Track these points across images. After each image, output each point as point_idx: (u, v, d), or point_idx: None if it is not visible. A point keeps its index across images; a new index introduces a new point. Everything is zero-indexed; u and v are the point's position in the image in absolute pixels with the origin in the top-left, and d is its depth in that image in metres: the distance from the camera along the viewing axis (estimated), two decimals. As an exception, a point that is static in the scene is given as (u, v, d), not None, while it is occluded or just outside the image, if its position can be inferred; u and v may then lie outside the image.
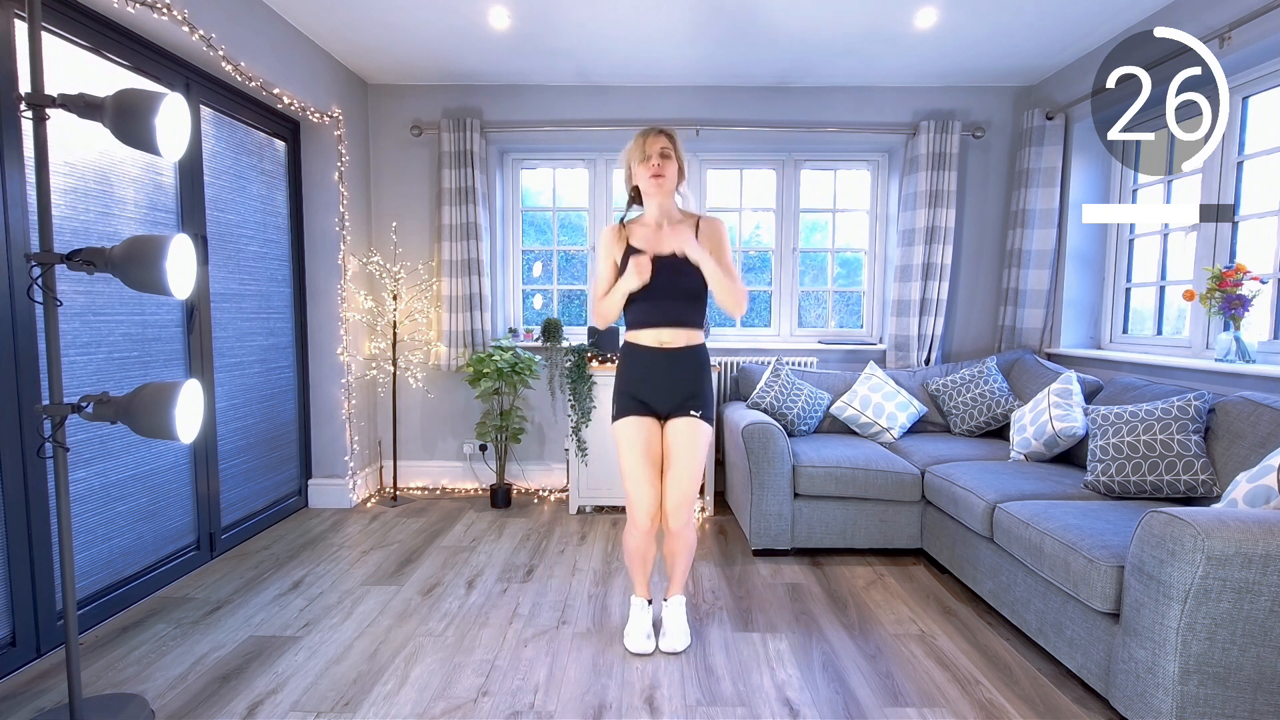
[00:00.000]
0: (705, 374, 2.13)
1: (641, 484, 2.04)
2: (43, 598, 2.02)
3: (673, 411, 2.10)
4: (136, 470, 2.39)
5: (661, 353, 2.08)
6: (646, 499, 2.03)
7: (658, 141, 2.05)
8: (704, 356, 2.14)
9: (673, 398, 2.09)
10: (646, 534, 2.08)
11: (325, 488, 3.56)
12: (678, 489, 2.05)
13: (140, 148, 1.64)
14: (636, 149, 2.07)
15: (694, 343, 2.11)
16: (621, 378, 2.14)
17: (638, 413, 2.09)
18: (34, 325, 1.96)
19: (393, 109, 3.83)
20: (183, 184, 2.59)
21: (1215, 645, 1.52)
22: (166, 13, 2.25)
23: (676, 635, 2.14)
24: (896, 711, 1.80)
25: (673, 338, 2.07)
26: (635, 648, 2.12)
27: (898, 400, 3.33)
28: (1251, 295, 2.51)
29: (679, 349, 2.08)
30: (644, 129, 2.09)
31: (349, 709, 1.79)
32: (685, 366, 2.09)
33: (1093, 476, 2.38)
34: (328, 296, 3.50)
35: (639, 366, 2.10)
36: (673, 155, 2.06)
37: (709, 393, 2.13)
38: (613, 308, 2.08)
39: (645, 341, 2.09)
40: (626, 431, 2.08)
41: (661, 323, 2.07)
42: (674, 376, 2.08)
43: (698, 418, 2.08)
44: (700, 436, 2.07)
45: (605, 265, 2.13)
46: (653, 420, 2.11)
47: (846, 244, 4.12)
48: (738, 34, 3.13)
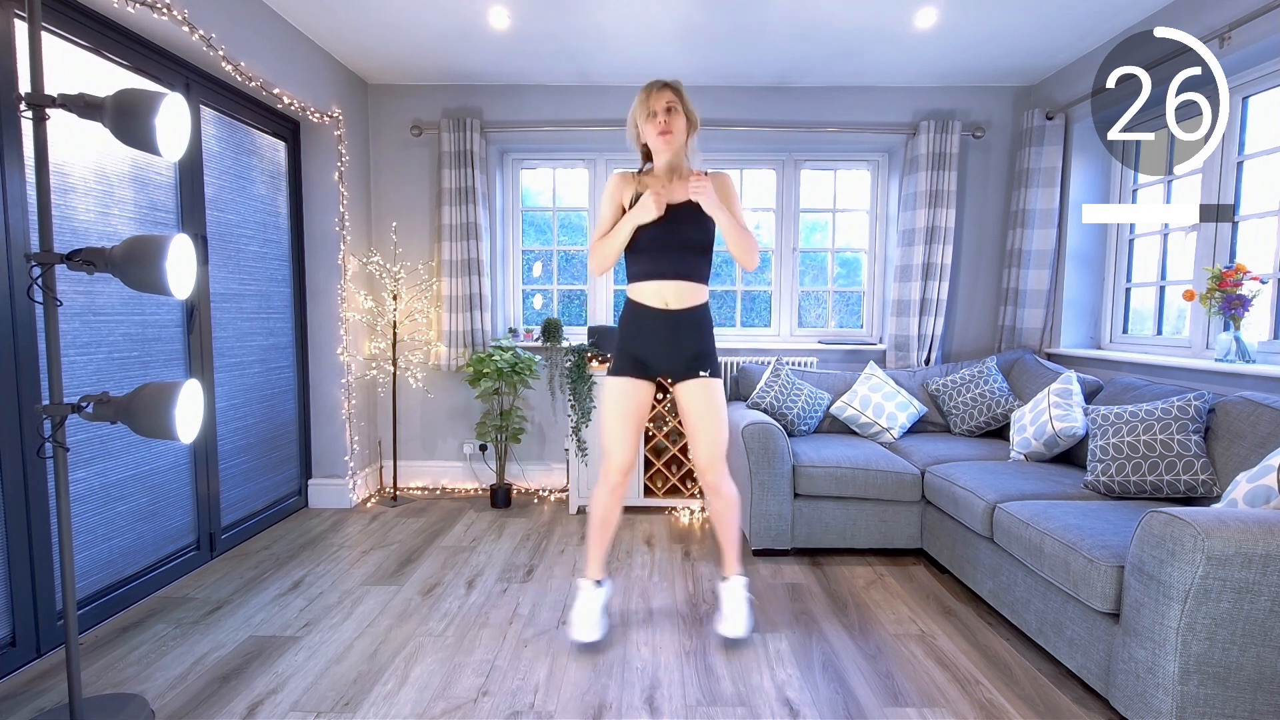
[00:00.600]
0: (709, 333, 2.12)
1: (619, 440, 2.09)
2: (43, 598, 2.02)
3: (680, 374, 2.10)
4: (136, 470, 2.39)
5: (665, 315, 2.05)
6: (621, 455, 2.09)
7: (662, 96, 1.99)
8: (707, 317, 2.13)
9: (677, 360, 2.08)
10: (615, 490, 2.12)
11: (325, 488, 3.56)
12: (709, 447, 2.08)
13: (140, 148, 1.64)
14: (641, 105, 2.02)
15: (698, 302, 2.09)
16: (623, 336, 2.12)
17: (633, 374, 2.09)
18: (34, 325, 1.96)
19: (393, 109, 3.83)
20: (183, 184, 2.59)
21: (1215, 645, 1.52)
22: (166, 13, 2.25)
23: (737, 619, 2.12)
24: (896, 711, 1.80)
25: (677, 295, 2.05)
26: (583, 636, 2.09)
27: (898, 400, 3.33)
28: (1251, 295, 2.51)
29: (683, 311, 2.06)
30: (647, 84, 2.02)
31: (349, 709, 1.79)
32: (689, 329, 2.07)
33: (1093, 476, 2.38)
34: (328, 296, 3.50)
35: (642, 328, 2.08)
36: (679, 108, 2.01)
37: (713, 349, 2.13)
38: (614, 246, 2.04)
39: (649, 301, 2.06)
40: (617, 389, 2.09)
41: (668, 274, 2.04)
42: (678, 340, 2.07)
43: (708, 376, 2.09)
44: (716, 393, 2.09)
45: (610, 209, 2.09)
46: (647, 383, 2.11)
47: (846, 244, 4.12)
48: (738, 34, 3.13)
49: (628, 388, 2.09)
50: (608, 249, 2.06)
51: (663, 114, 2.00)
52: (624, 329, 2.13)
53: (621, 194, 2.08)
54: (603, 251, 2.07)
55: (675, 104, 2.01)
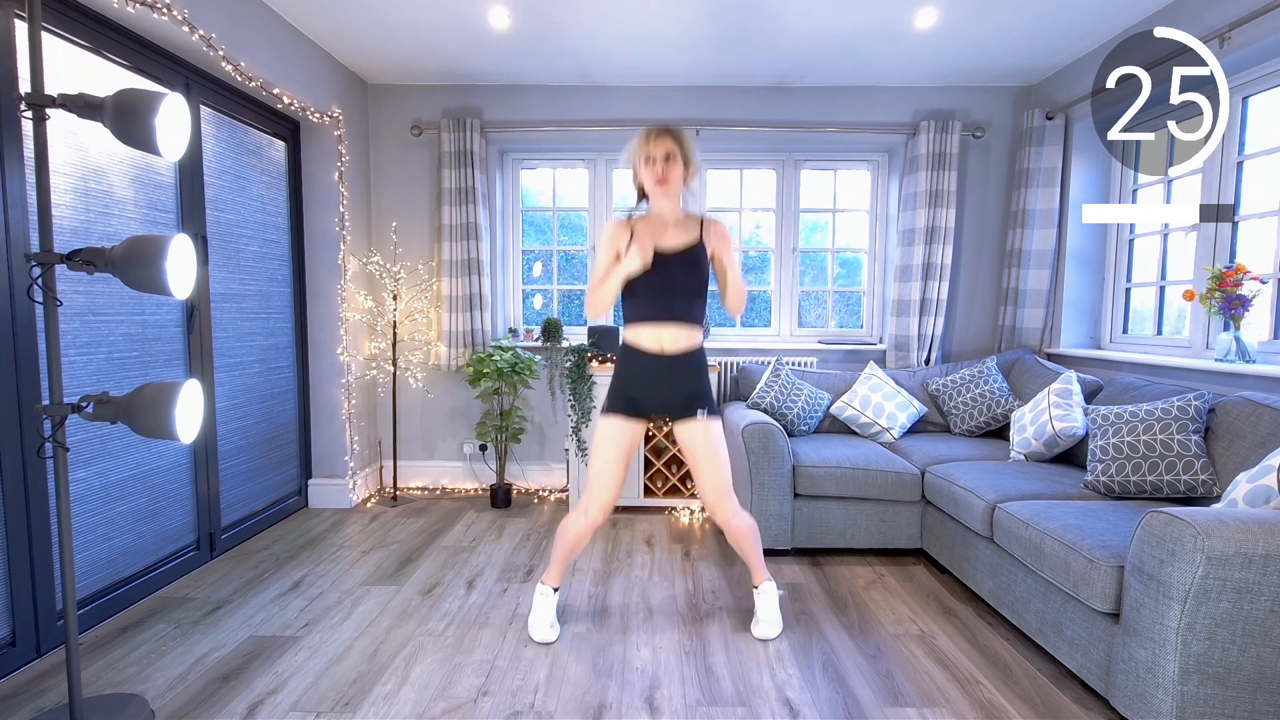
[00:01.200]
0: (704, 375, 2.15)
1: (607, 479, 2.11)
2: (43, 598, 2.02)
3: (677, 415, 2.13)
4: (136, 470, 2.39)
5: (661, 360, 2.08)
6: (607, 494, 2.11)
7: (662, 145, 2.00)
8: (702, 361, 2.15)
9: (673, 401, 2.11)
10: (592, 526, 2.14)
11: (325, 488, 3.56)
12: (714, 486, 2.12)
13: (140, 148, 1.64)
14: (640, 150, 2.03)
15: (693, 346, 2.11)
16: (618, 377, 2.15)
17: (627, 414, 2.11)
18: (34, 325, 1.96)
19: (393, 109, 3.83)
20: (183, 184, 2.59)
21: (1215, 645, 1.52)
22: (166, 13, 2.25)
23: (770, 623, 2.19)
24: (896, 711, 1.80)
25: (673, 338, 2.07)
26: (541, 637, 2.15)
27: (898, 400, 3.33)
28: (1251, 295, 2.51)
29: (678, 355, 2.08)
30: (648, 128, 2.02)
31: (349, 709, 1.79)
32: (684, 372, 2.10)
33: (1093, 476, 2.38)
34: (328, 296, 3.50)
35: (638, 372, 2.10)
36: (678, 157, 2.02)
37: (709, 388, 2.15)
38: (608, 294, 2.06)
39: (645, 344, 2.08)
40: (610, 429, 2.11)
41: (663, 318, 2.06)
42: (673, 382, 2.09)
43: (706, 416, 2.11)
44: (715, 433, 2.12)
45: (606, 256, 2.11)
46: (639, 424, 2.15)
47: (846, 244, 4.12)
48: (738, 34, 3.13)
49: (621, 428, 2.11)
50: (601, 298, 2.08)
51: (661, 162, 2.00)
52: (620, 370, 2.15)
53: (617, 241, 2.08)
54: (597, 299, 2.09)
55: (674, 152, 2.01)
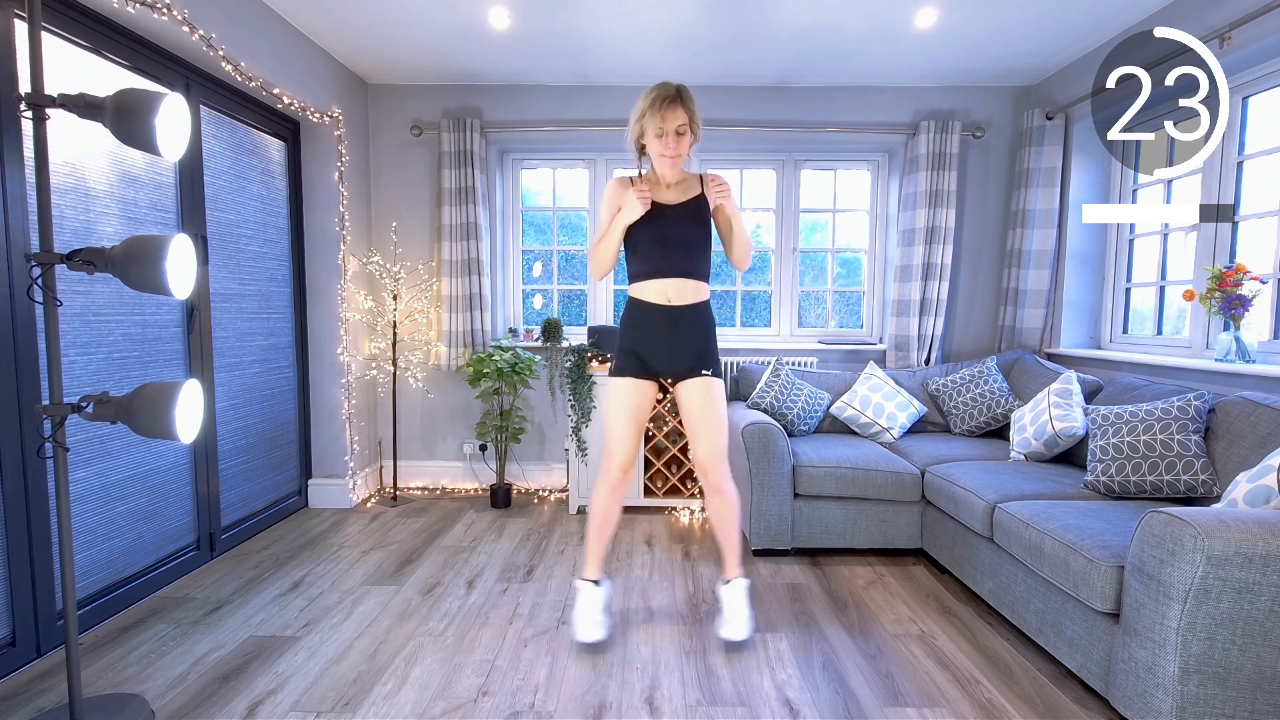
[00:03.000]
0: (712, 332, 2.14)
1: (623, 439, 2.11)
2: (43, 598, 2.02)
3: (682, 374, 2.11)
4: (136, 470, 2.39)
5: (667, 311, 2.07)
6: (624, 452, 2.11)
7: (676, 116, 1.96)
8: (709, 315, 2.14)
9: (681, 360, 2.10)
10: (616, 488, 2.14)
11: (325, 488, 3.56)
12: (709, 445, 2.10)
13: (140, 148, 1.64)
14: (652, 118, 1.97)
15: (700, 298, 2.10)
16: (626, 335, 2.13)
17: (636, 373, 2.11)
18: (34, 325, 1.96)
19: (393, 109, 3.83)
20: (183, 184, 2.59)
21: (1215, 645, 1.52)
22: (166, 13, 2.25)
23: (739, 622, 2.13)
24: (896, 711, 1.80)
25: (679, 291, 2.07)
26: (586, 637, 2.10)
27: (898, 400, 3.33)
28: (1251, 295, 2.51)
29: (685, 307, 2.08)
30: (661, 94, 1.95)
31: (349, 709, 1.79)
32: (692, 327, 2.09)
33: (1093, 476, 2.38)
34: (328, 296, 3.50)
35: (645, 326, 2.09)
36: (688, 130, 2.00)
37: (715, 348, 2.15)
38: (609, 248, 2.07)
39: (651, 298, 2.08)
40: (621, 388, 2.11)
41: (668, 272, 2.06)
42: (680, 338, 2.08)
43: (710, 376, 2.11)
44: (717, 392, 2.11)
45: (608, 214, 2.11)
46: (650, 383, 2.13)
47: (846, 244, 4.12)
48: (738, 34, 3.13)
49: (631, 387, 2.11)
50: (603, 251, 2.09)
51: (672, 136, 1.99)
52: (626, 327, 2.14)
53: (619, 198, 2.09)
54: (599, 254, 2.10)
55: (685, 126, 2.00)
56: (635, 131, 2.07)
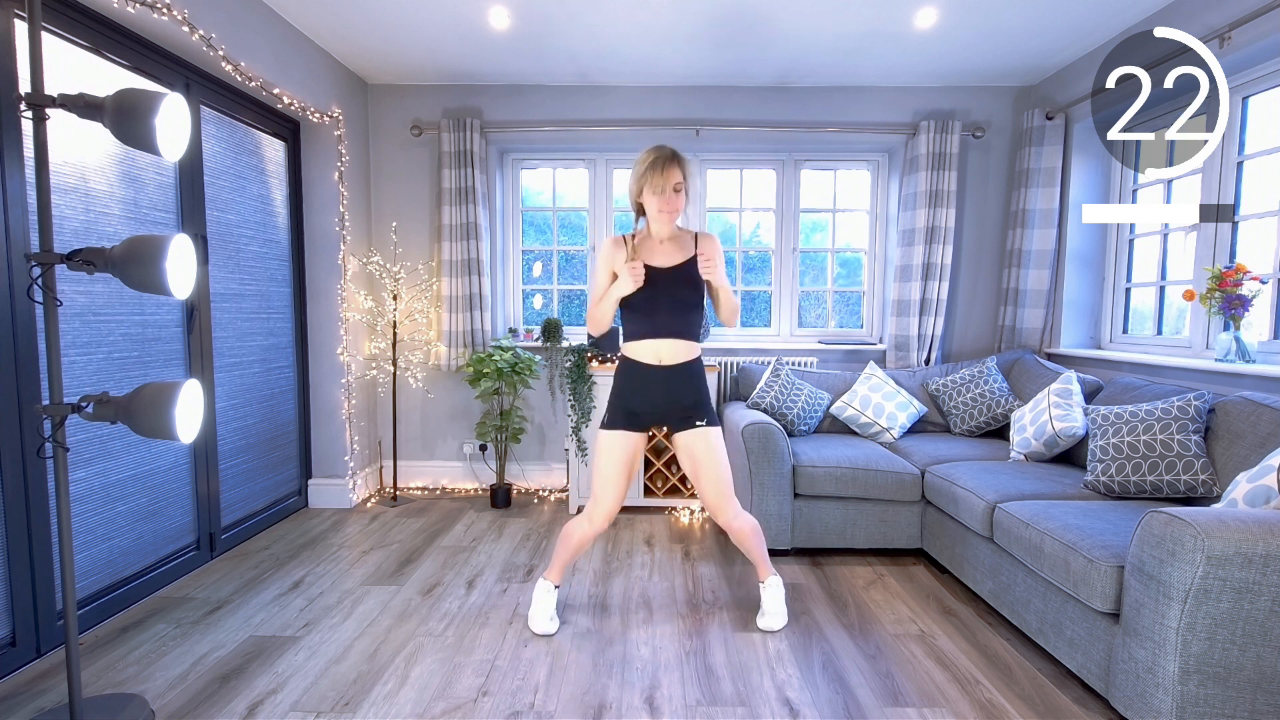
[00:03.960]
0: (703, 384, 2.19)
1: (610, 490, 2.16)
2: (43, 598, 2.02)
3: (676, 426, 2.18)
4: (136, 470, 2.39)
5: (659, 371, 2.13)
6: (612, 501, 2.17)
7: (673, 176, 2.05)
8: (700, 371, 2.20)
9: (672, 413, 2.16)
10: (595, 533, 2.21)
11: (325, 488, 3.56)
12: (714, 492, 2.17)
13: (140, 148, 1.64)
14: (651, 178, 2.05)
15: (691, 357, 2.16)
16: (617, 390, 2.20)
17: (628, 426, 2.17)
18: (34, 325, 1.96)
19: (393, 109, 3.83)
20: (183, 184, 2.59)
21: (1215, 645, 1.52)
22: (166, 13, 2.25)
23: (776, 615, 2.25)
24: (896, 711, 1.80)
25: (671, 352, 2.13)
26: (541, 629, 2.21)
27: (898, 400, 3.33)
28: (1251, 295, 2.51)
29: (676, 366, 2.13)
30: (657, 156, 2.05)
31: (349, 709, 1.79)
32: (682, 384, 2.15)
33: (1093, 476, 2.38)
34: (328, 296, 3.50)
35: (637, 384, 2.16)
36: (684, 188, 2.09)
37: (708, 398, 2.20)
38: (605, 314, 2.15)
39: (644, 358, 2.14)
40: (611, 442, 2.17)
41: (660, 333, 2.12)
42: (672, 394, 2.14)
43: (705, 426, 2.16)
44: (714, 441, 2.17)
45: (604, 274, 2.18)
46: (640, 435, 2.20)
47: (846, 244, 4.12)
48: (738, 34, 3.13)
49: (623, 440, 2.17)
50: (600, 314, 2.16)
51: (671, 192, 2.06)
52: (619, 383, 2.20)
53: (614, 259, 2.15)
54: (597, 316, 2.17)
55: (682, 185, 2.08)
56: (636, 190, 2.13)
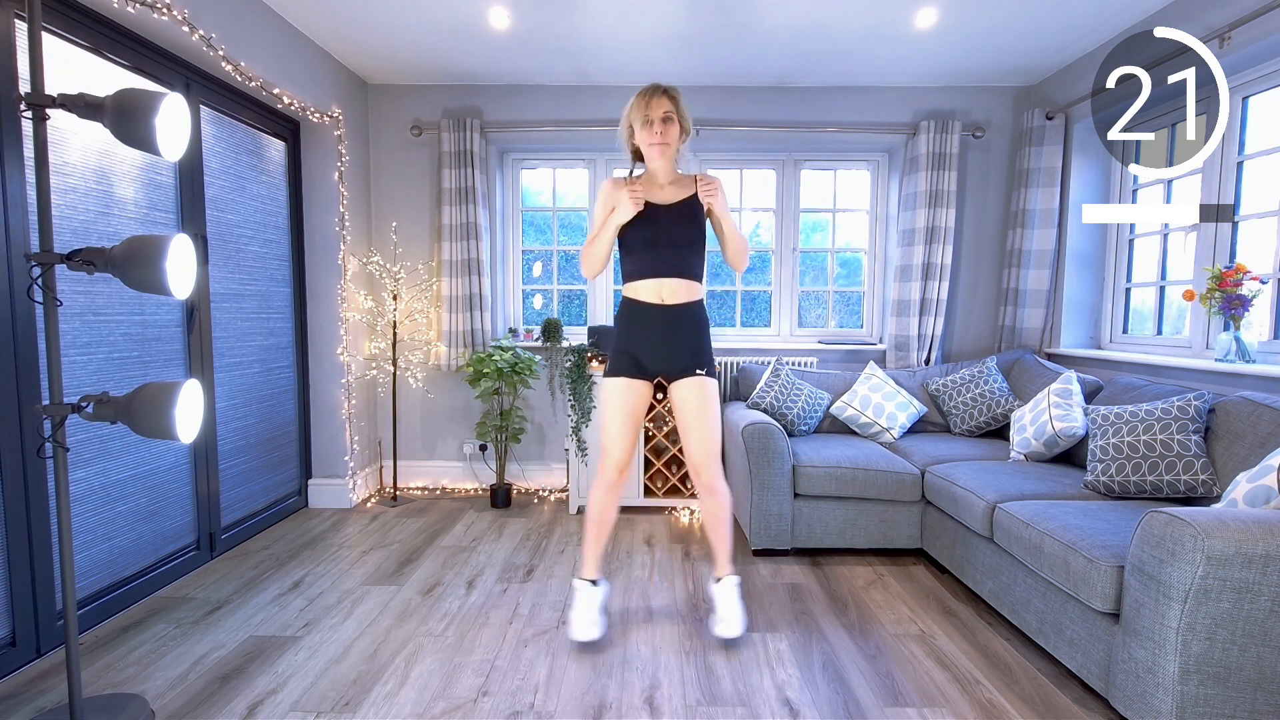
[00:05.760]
0: (705, 331, 2.15)
1: (617, 439, 2.11)
2: (43, 597, 2.02)
3: (676, 373, 2.12)
4: (136, 470, 2.39)
5: (661, 310, 2.07)
6: (620, 452, 2.12)
7: (660, 105, 2.01)
8: (703, 315, 2.15)
9: (675, 359, 2.11)
10: (613, 487, 2.15)
11: (325, 488, 3.56)
12: (703, 446, 2.10)
13: (140, 148, 1.64)
14: (638, 111, 2.03)
15: (694, 297, 2.11)
16: (620, 335, 2.14)
17: (631, 374, 2.11)
18: (34, 325, 1.96)
19: (393, 109, 3.83)
20: (183, 184, 2.59)
21: (1215, 645, 1.52)
22: (166, 13, 2.25)
23: (732, 620, 2.13)
24: (896, 711, 1.80)
25: (672, 291, 2.07)
26: (583, 636, 2.10)
27: (898, 400, 3.33)
28: (1251, 295, 2.51)
29: (679, 306, 2.08)
30: (645, 90, 2.03)
31: (349, 709, 1.79)
32: (685, 326, 2.10)
33: (1093, 476, 2.38)
34: (328, 296, 3.50)
35: (639, 325, 2.10)
36: (674, 118, 2.04)
37: (709, 347, 2.16)
38: (602, 248, 2.08)
39: (645, 297, 2.08)
40: (615, 389, 2.11)
41: (662, 272, 2.07)
42: (674, 337, 2.09)
43: (703, 375, 2.11)
44: (710, 392, 2.12)
45: (601, 214, 2.13)
46: (644, 383, 2.14)
47: (846, 244, 4.12)
48: (738, 34, 3.13)
49: (625, 387, 2.12)
50: (595, 250, 2.10)
51: (659, 123, 2.02)
52: (621, 327, 2.15)
53: (612, 199, 2.10)
54: (591, 253, 2.11)
55: (672, 114, 2.03)
56: (626, 132, 2.10)
